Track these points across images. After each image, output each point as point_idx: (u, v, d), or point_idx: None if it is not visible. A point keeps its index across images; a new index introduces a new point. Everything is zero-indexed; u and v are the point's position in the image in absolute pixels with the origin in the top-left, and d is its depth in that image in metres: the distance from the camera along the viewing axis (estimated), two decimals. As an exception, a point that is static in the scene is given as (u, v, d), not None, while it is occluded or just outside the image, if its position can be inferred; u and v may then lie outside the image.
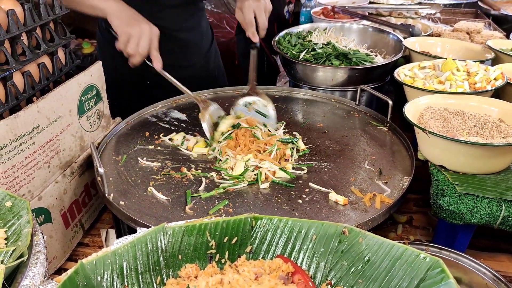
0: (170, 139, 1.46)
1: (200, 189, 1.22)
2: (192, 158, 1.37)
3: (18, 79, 1.13)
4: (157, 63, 1.44)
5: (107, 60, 1.63)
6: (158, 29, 1.47)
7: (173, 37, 1.83)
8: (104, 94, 1.43)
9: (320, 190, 1.21)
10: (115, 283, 0.78)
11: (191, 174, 1.28)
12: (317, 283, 0.81)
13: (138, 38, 1.40)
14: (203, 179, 1.25)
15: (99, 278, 0.77)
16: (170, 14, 1.80)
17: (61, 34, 1.34)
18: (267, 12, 1.57)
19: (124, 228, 1.24)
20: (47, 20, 1.25)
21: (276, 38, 2.04)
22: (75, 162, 1.31)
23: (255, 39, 1.55)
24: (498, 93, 1.47)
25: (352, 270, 0.79)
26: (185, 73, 1.79)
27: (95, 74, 1.37)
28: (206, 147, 1.41)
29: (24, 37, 1.18)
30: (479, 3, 3.01)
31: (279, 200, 1.18)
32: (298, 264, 0.83)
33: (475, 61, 1.55)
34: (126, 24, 1.42)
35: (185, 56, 1.93)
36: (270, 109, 1.53)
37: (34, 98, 1.18)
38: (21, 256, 0.79)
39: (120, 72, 1.67)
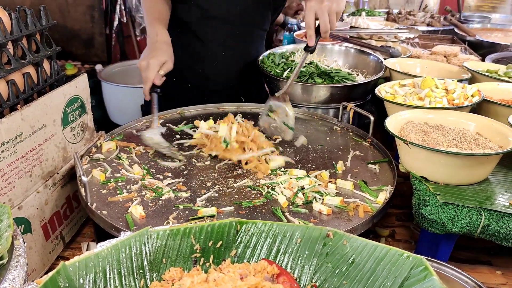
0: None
1: (183, 200, 1.22)
2: (175, 169, 1.37)
3: (2, 87, 1.13)
4: (154, 82, 1.57)
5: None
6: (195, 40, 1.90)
7: (211, 50, 1.94)
8: (88, 107, 1.43)
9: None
10: (97, 285, 0.77)
11: (174, 186, 1.28)
12: (302, 285, 0.81)
13: (145, 70, 1.56)
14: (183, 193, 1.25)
15: (81, 280, 0.76)
16: (216, 27, 1.90)
17: (47, 45, 1.35)
18: (333, 14, 1.50)
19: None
20: (33, 30, 1.26)
21: (260, 58, 2.07)
22: (58, 173, 1.29)
23: (310, 42, 1.55)
24: (476, 110, 1.52)
25: (337, 272, 0.80)
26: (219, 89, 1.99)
27: (80, 86, 1.37)
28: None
29: (10, 46, 1.19)
30: (455, 30, 3.12)
31: (263, 211, 1.18)
32: (283, 267, 0.83)
33: (453, 80, 1.60)
34: (144, 57, 1.61)
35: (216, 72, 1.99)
36: (290, 120, 1.57)
37: (18, 106, 1.17)
38: (0, 258, 0.77)
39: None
